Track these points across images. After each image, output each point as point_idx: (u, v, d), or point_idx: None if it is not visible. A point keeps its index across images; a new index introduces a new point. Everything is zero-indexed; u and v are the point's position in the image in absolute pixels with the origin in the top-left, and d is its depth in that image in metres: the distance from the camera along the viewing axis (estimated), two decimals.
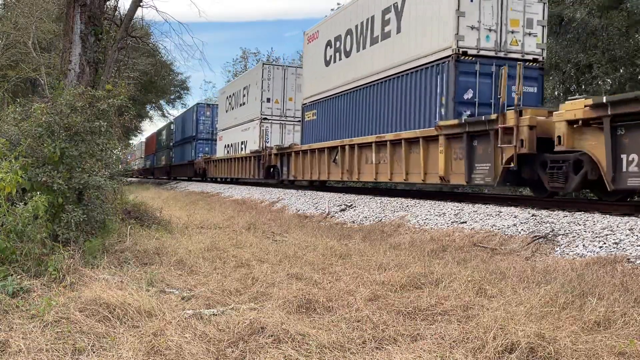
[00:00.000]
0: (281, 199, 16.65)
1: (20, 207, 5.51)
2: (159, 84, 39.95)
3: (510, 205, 9.75)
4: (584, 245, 6.66)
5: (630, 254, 6.01)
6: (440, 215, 9.80)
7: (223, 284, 5.37)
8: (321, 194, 16.09)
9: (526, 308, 4.35)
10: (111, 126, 7.61)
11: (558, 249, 6.82)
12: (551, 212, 8.37)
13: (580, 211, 8.33)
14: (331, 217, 12.32)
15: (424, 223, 9.60)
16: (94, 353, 3.52)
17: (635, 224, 6.80)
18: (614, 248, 6.31)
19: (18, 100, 7.82)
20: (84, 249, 6.14)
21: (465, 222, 8.94)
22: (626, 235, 6.53)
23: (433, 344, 3.71)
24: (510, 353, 3.50)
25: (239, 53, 69.76)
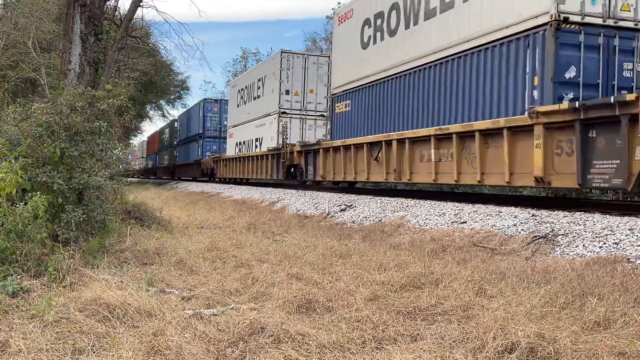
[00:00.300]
0: (281, 199, 16.66)
1: (20, 207, 5.51)
2: (159, 84, 39.68)
3: (510, 205, 9.75)
4: (584, 245, 6.66)
5: (630, 254, 6.01)
6: (440, 215, 9.80)
7: (223, 284, 5.38)
8: (321, 194, 16.09)
9: (526, 308, 4.35)
10: (111, 126, 7.62)
11: (558, 249, 6.82)
12: (551, 212, 8.37)
13: (580, 211, 8.33)
14: (331, 217, 12.32)
15: (424, 223, 9.61)
16: (94, 353, 3.52)
17: (635, 224, 6.80)
18: (614, 248, 6.31)
19: (18, 100, 7.82)
20: (84, 249, 6.14)
21: (465, 222, 8.94)
22: (626, 235, 6.53)
23: (433, 344, 3.72)
24: (510, 353, 3.50)
25: (239, 53, 69.81)
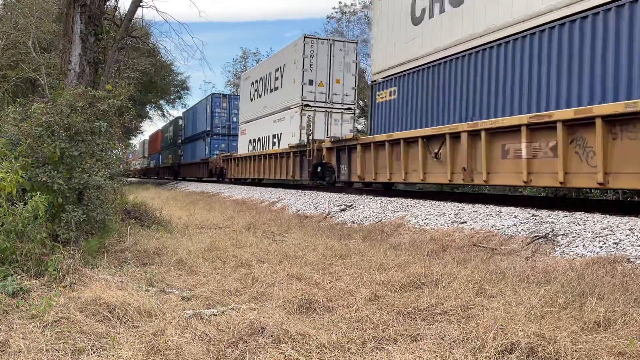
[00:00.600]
0: (281, 199, 16.66)
1: (20, 207, 5.51)
2: (159, 84, 39.59)
3: (510, 205, 9.75)
4: (584, 245, 6.66)
5: (630, 254, 6.01)
6: (440, 215, 9.80)
7: (223, 284, 5.38)
8: (321, 194, 16.09)
9: (526, 308, 4.35)
10: (111, 126, 7.62)
11: (558, 249, 6.82)
12: (551, 212, 8.37)
13: (580, 211, 8.33)
14: (331, 217, 12.32)
15: (424, 223, 9.60)
16: (94, 353, 3.52)
17: (635, 224, 6.80)
18: (614, 248, 6.31)
19: (18, 100, 7.82)
20: (84, 249, 6.14)
21: (465, 222, 8.94)
22: (626, 235, 6.53)
23: (433, 344, 3.71)
24: (510, 353, 3.50)
25: (239, 53, 69.91)
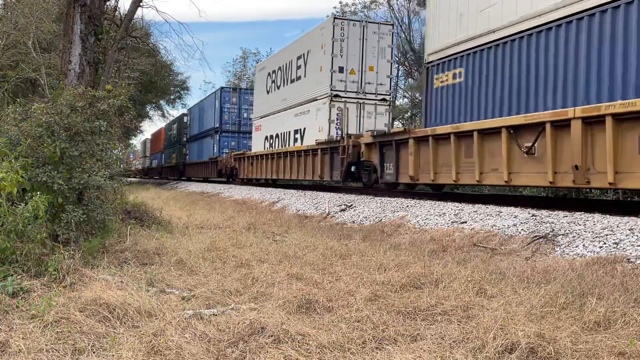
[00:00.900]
0: (281, 199, 16.66)
1: (20, 207, 5.51)
2: (159, 84, 39.58)
3: (510, 205, 9.75)
4: (584, 245, 6.66)
5: (630, 254, 6.01)
6: (440, 215, 9.80)
7: (223, 284, 5.37)
8: (321, 194, 16.09)
9: (526, 308, 4.35)
10: (111, 126, 7.62)
11: (558, 249, 6.82)
12: (551, 212, 8.37)
13: (580, 211, 8.33)
14: (331, 217, 12.32)
15: (424, 223, 9.60)
16: (94, 353, 3.52)
17: (635, 224, 6.80)
18: (614, 248, 6.31)
19: (18, 100, 7.82)
20: (84, 249, 6.14)
21: (465, 222, 8.94)
22: (626, 235, 6.52)
23: (433, 344, 3.71)
24: (510, 353, 3.50)
25: (239, 53, 69.96)
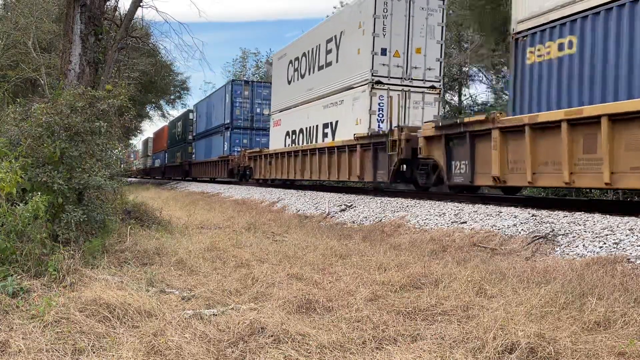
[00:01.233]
0: (281, 199, 16.66)
1: (20, 207, 5.51)
2: (159, 84, 39.52)
3: (510, 205, 9.75)
4: (584, 245, 6.66)
5: (630, 254, 6.01)
6: (440, 215, 9.80)
7: (223, 284, 5.37)
8: (321, 194, 16.08)
9: (526, 308, 4.35)
10: (111, 126, 7.62)
11: (558, 249, 6.82)
12: (551, 212, 8.37)
13: (580, 211, 8.33)
14: (331, 217, 12.32)
15: (424, 223, 9.60)
16: (94, 353, 3.52)
17: (635, 224, 6.80)
18: (614, 248, 6.31)
19: (18, 100, 7.82)
20: (83, 249, 6.14)
21: (465, 222, 8.93)
22: (626, 235, 6.52)
23: (433, 344, 3.71)
24: (510, 353, 3.50)
25: (239, 53, 69.91)
